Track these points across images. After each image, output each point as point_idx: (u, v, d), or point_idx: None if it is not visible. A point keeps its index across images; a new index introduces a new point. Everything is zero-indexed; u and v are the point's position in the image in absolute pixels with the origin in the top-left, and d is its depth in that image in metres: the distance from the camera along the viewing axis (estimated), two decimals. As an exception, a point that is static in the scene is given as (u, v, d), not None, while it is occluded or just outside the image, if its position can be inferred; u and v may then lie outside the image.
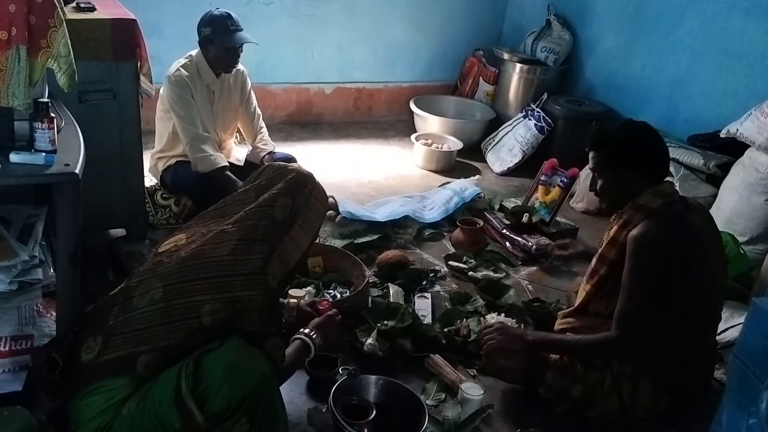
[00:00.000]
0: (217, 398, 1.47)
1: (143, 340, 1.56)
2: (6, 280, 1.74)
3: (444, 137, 4.37)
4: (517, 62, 4.54)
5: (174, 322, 1.57)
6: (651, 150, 2.11)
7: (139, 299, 1.60)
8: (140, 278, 1.65)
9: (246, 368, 1.52)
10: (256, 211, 1.73)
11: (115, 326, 1.60)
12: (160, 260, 1.67)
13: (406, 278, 2.81)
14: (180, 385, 1.48)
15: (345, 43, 4.65)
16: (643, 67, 4.11)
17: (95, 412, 1.55)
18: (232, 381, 1.49)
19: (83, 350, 1.60)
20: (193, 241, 1.69)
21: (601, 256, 2.17)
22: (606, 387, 2.11)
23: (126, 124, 2.58)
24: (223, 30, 2.99)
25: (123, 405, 1.55)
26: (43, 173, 1.66)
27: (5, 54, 1.66)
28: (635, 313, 2.02)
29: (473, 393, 2.10)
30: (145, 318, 1.58)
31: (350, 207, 3.33)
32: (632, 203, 2.10)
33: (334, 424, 1.87)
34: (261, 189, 1.80)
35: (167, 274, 1.61)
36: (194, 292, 1.59)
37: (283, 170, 1.84)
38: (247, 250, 1.64)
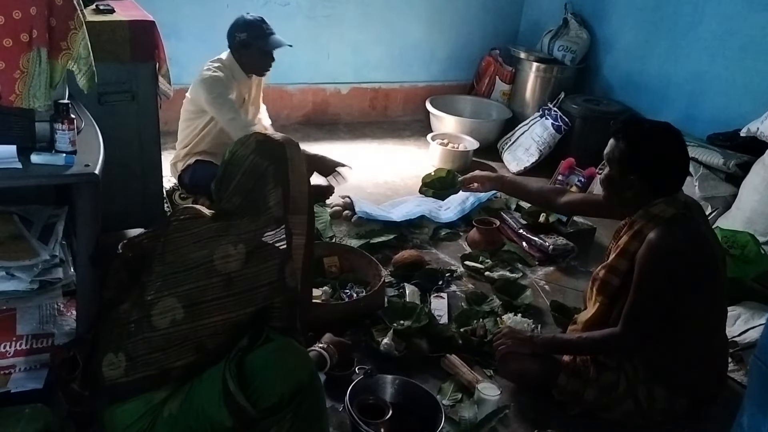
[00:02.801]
0: (272, 393, 1.51)
1: (173, 357, 1.58)
2: (27, 279, 1.76)
3: (460, 137, 4.36)
4: (534, 61, 4.52)
5: (200, 338, 1.59)
6: (664, 166, 2.02)
7: (159, 319, 1.58)
8: (156, 295, 1.61)
9: (297, 363, 1.57)
10: (257, 216, 1.66)
11: (137, 345, 1.58)
12: (171, 279, 1.62)
13: (422, 278, 2.81)
14: (227, 384, 1.50)
15: (361, 43, 4.66)
16: (661, 65, 4.06)
17: (134, 418, 1.57)
18: (284, 376, 1.53)
19: (105, 365, 1.60)
20: (195, 251, 1.64)
21: (612, 267, 2.11)
22: (621, 390, 2.09)
23: (145, 125, 2.61)
24: (260, 34, 3.02)
25: (162, 407, 1.57)
26: (63, 174, 1.68)
27: (26, 56, 1.68)
28: (644, 315, 2.00)
29: (490, 393, 2.09)
30: (172, 338, 1.58)
31: (366, 207, 3.33)
32: (644, 212, 2.04)
33: (351, 423, 1.88)
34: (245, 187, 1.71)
35: (185, 295, 1.59)
36: (217, 311, 1.59)
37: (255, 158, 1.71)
38: (259, 259, 1.61)
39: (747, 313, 2.64)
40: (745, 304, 2.69)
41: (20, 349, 1.86)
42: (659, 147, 2.01)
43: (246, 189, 1.68)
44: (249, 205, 1.67)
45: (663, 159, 2.02)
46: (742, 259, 2.81)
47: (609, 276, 2.12)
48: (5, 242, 1.82)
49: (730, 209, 3.23)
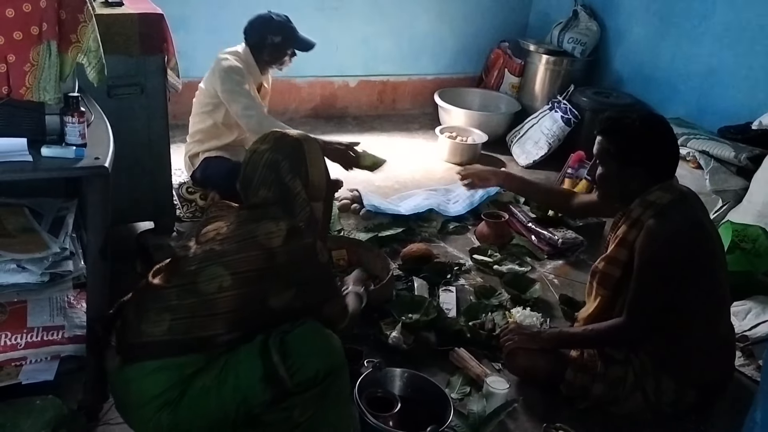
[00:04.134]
0: (309, 368, 1.62)
1: (220, 323, 1.64)
2: (38, 271, 1.76)
3: (469, 130, 4.35)
4: (544, 54, 4.49)
5: (247, 307, 1.66)
6: (661, 152, 2.04)
7: (206, 285, 1.64)
8: (199, 265, 1.67)
9: (332, 346, 1.70)
10: (288, 201, 1.77)
11: (181, 307, 1.64)
12: (212, 248, 1.69)
13: (430, 272, 2.80)
14: (270, 357, 1.61)
15: (369, 36, 4.64)
16: (672, 57, 4.03)
17: (163, 388, 1.60)
18: (322, 354, 1.66)
19: (146, 323, 1.63)
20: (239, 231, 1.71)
21: (612, 258, 2.11)
22: (629, 383, 2.09)
23: (154, 119, 2.61)
24: (295, 36, 3.08)
25: (194, 379, 1.62)
26: (73, 167, 1.68)
27: (36, 49, 1.68)
28: (646, 303, 2.00)
29: (499, 387, 2.09)
30: (219, 304, 1.63)
31: (375, 200, 3.33)
32: (641, 200, 2.04)
33: (359, 416, 1.88)
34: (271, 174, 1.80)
35: (230, 264, 1.65)
36: (261, 281, 1.67)
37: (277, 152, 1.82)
38: (297, 237, 1.70)
39: (758, 308, 2.62)
40: (756, 299, 2.67)
41: (31, 341, 1.86)
42: (654, 135, 2.04)
43: (270, 181, 1.78)
44: (277, 195, 1.77)
45: (659, 146, 2.04)
46: (753, 252, 2.79)
47: (609, 267, 2.12)
48: (16, 235, 1.83)
49: (741, 203, 3.20)
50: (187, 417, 1.61)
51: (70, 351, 1.89)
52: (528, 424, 2.10)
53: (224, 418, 1.64)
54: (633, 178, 2.04)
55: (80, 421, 1.81)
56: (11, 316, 1.87)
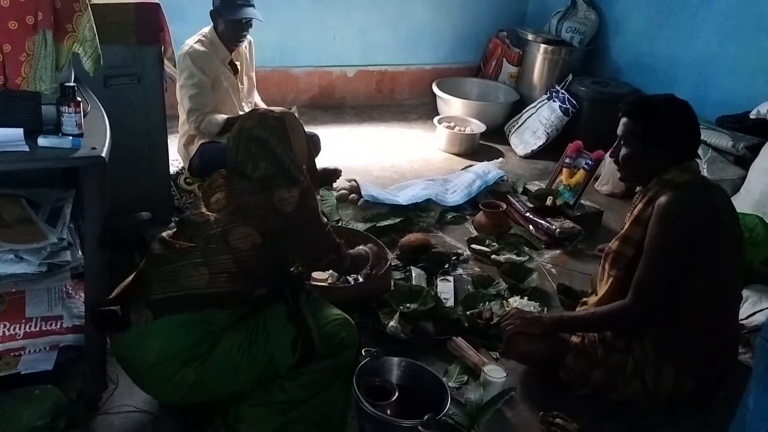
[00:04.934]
0: (336, 335, 1.82)
1: (256, 278, 1.79)
2: (36, 262, 1.77)
3: (467, 120, 4.34)
4: (542, 43, 4.48)
5: (277, 260, 1.84)
6: (685, 132, 2.06)
7: (240, 242, 1.75)
8: (224, 227, 1.76)
9: (349, 320, 1.90)
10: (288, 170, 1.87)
11: (220, 263, 1.73)
12: (235, 210, 1.79)
13: (428, 261, 2.81)
14: (305, 319, 1.79)
15: (367, 25, 4.62)
16: (670, 46, 4.02)
17: (193, 341, 1.68)
18: (344, 324, 1.87)
19: (183, 276, 1.72)
20: (254, 198, 1.81)
21: (626, 237, 2.12)
22: (629, 371, 2.10)
23: (151, 108, 2.61)
24: (231, 4, 3.02)
25: (223, 336, 1.71)
26: (70, 156, 1.68)
27: (32, 39, 1.67)
28: (653, 282, 2.00)
29: (496, 375, 2.10)
30: (253, 260, 1.76)
31: (373, 190, 3.33)
32: (658, 179, 2.06)
33: (357, 405, 1.89)
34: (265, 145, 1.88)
35: (258, 224, 1.77)
36: (284, 240, 1.82)
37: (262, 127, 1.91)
38: (307, 200, 1.85)
39: (755, 296, 2.63)
40: (753, 287, 2.68)
41: (30, 331, 1.87)
42: (677, 116, 2.06)
43: (264, 156, 1.85)
44: (275, 167, 1.85)
45: (682, 126, 2.06)
46: (751, 242, 2.80)
47: (622, 246, 2.12)
48: (13, 225, 1.83)
49: (739, 192, 3.21)
50: (214, 373, 1.69)
51: (68, 341, 1.90)
52: (525, 413, 2.11)
53: (250, 377, 1.73)
54: (656, 158, 2.05)
55: (80, 411, 1.82)
56: (10, 307, 1.87)
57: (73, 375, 1.93)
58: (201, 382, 1.69)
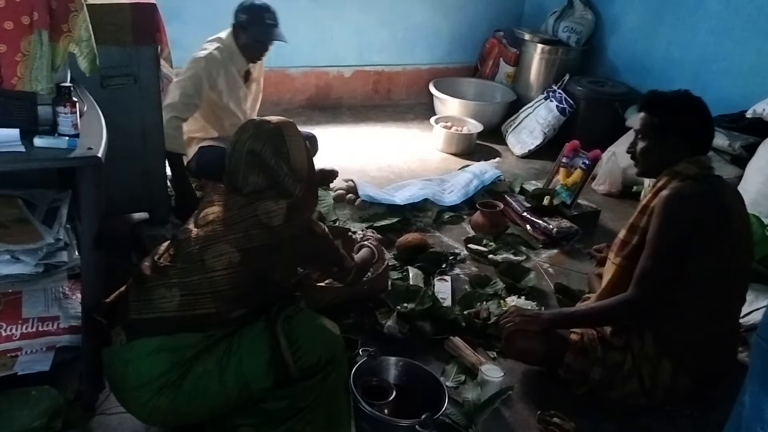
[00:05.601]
0: (312, 355, 1.70)
1: (230, 299, 1.69)
2: (32, 262, 1.76)
3: (464, 120, 4.35)
4: (539, 43, 4.48)
5: (258, 281, 1.73)
6: (700, 124, 2.09)
7: (215, 261, 1.68)
8: (203, 244, 1.71)
9: (334, 335, 1.79)
10: (281, 182, 1.80)
11: (191, 284, 1.67)
12: (214, 229, 1.73)
13: (425, 261, 2.81)
14: (278, 340, 1.67)
15: (364, 25, 4.63)
16: (667, 46, 4.03)
17: (163, 369, 1.62)
18: (324, 342, 1.74)
19: (156, 300, 1.67)
20: (238, 211, 1.74)
21: (631, 225, 2.13)
22: (626, 369, 2.10)
23: (147, 109, 2.60)
24: (259, 21, 2.99)
25: (195, 362, 1.64)
26: (66, 157, 1.68)
27: (28, 39, 1.67)
28: (655, 273, 2.01)
29: (493, 375, 2.10)
30: (229, 280, 1.68)
31: (370, 190, 3.33)
32: (668, 171, 2.08)
33: (355, 404, 1.89)
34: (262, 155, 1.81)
35: (235, 241, 1.69)
36: (267, 256, 1.72)
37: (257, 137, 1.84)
38: (297, 213, 1.76)
39: (751, 295, 2.62)
40: (750, 286, 2.67)
41: (27, 332, 1.86)
42: (692, 109, 2.09)
43: (257, 168, 1.79)
44: (267, 180, 1.79)
45: (696, 119, 2.09)
46: (747, 241, 2.80)
47: (628, 235, 2.13)
48: (10, 226, 1.82)
49: (735, 191, 3.21)
50: (186, 400, 1.63)
51: (65, 341, 1.90)
52: (523, 412, 2.12)
53: (225, 402, 1.67)
54: (671, 151, 2.08)
55: (76, 411, 1.82)
56: (6, 307, 1.86)
57: (70, 376, 1.92)
58: (176, 409, 1.64)
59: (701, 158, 2.09)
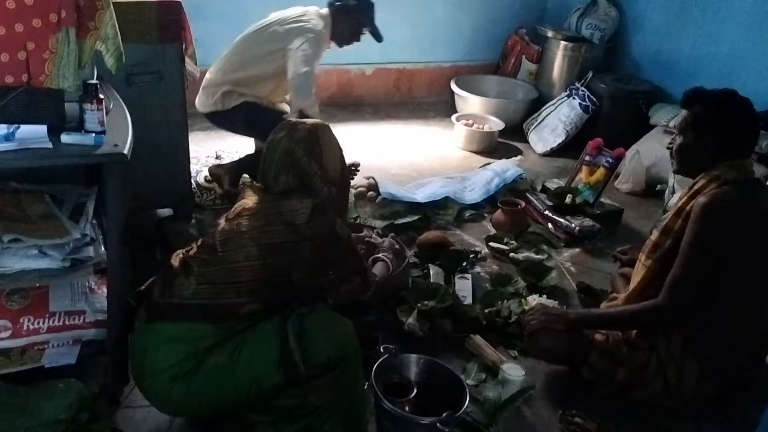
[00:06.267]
0: (321, 354, 1.67)
1: (244, 292, 1.69)
2: (59, 257, 1.79)
3: (485, 117, 4.33)
4: (562, 40, 4.45)
5: (272, 277, 1.72)
6: (738, 126, 2.03)
7: (233, 254, 1.70)
8: (224, 237, 1.74)
9: (345, 333, 1.75)
10: (309, 182, 1.82)
11: (207, 274, 1.70)
12: (239, 222, 1.75)
13: (446, 259, 2.80)
14: (287, 339, 1.66)
15: (385, 23, 4.56)
16: (693, 43, 3.97)
17: (177, 358, 1.64)
18: (335, 342, 1.70)
19: (174, 286, 1.71)
20: (264, 206, 1.78)
21: (665, 228, 2.09)
22: (651, 370, 2.07)
23: (172, 106, 2.63)
24: (368, 10, 3.07)
25: (208, 355, 1.65)
26: (93, 153, 1.70)
27: (55, 37, 1.69)
28: (688, 281, 1.97)
29: (514, 374, 2.09)
30: (246, 272, 1.69)
31: (390, 188, 3.33)
32: (706, 173, 2.03)
33: (375, 401, 1.89)
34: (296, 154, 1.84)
35: (256, 236, 1.71)
36: (286, 253, 1.72)
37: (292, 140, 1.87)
38: (321, 214, 1.76)
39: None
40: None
41: (53, 326, 1.89)
42: (731, 108, 2.03)
43: (288, 167, 1.81)
44: (297, 180, 1.81)
45: (735, 119, 2.03)
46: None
47: (661, 237, 2.09)
48: (37, 221, 1.86)
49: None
50: (198, 392, 1.65)
51: (91, 335, 1.93)
52: (544, 411, 2.10)
53: (235, 396, 1.68)
54: (707, 150, 2.03)
55: (102, 404, 1.84)
56: (34, 301, 1.90)
57: (96, 369, 1.95)
58: (188, 400, 1.67)
59: (743, 162, 2.02)
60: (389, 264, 2.21)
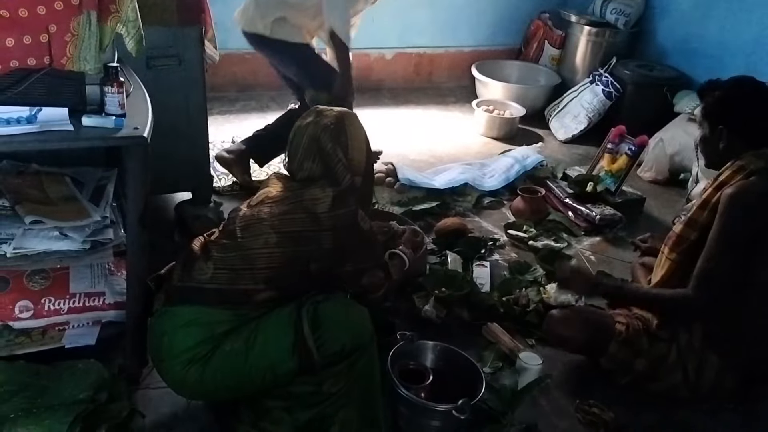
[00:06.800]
0: (335, 342, 1.66)
1: (261, 279, 1.70)
2: (80, 239, 1.81)
3: (506, 103, 4.28)
4: (585, 25, 4.37)
5: (290, 265, 1.72)
6: (749, 115, 1.99)
7: (252, 241, 1.71)
8: (245, 223, 1.75)
9: (361, 321, 1.74)
10: (332, 170, 1.81)
11: (225, 259, 1.71)
12: (260, 209, 1.76)
13: (464, 246, 2.79)
14: (302, 325, 1.65)
15: (405, 6, 4.57)
16: (720, 29, 3.89)
17: (194, 342, 1.65)
18: (349, 330, 1.69)
19: (196, 270, 1.72)
20: (286, 194, 1.78)
21: (690, 220, 2.05)
22: (671, 361, 2.05)
23: (191, 90, 2.63)
24: None
25: (224, 340, 1.66)
26: (113, 136, 1.71)
27: (77, 19, 1.70)
28: (717, 273, 1.94)
29: (531, 362, 2.08)
30: (263, 259, 1.70)
31: (409, 174, 3.32)
32: (731, 164, 2.00)
33: (392, 387, 1.89)
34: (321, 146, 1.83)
35: (276, 224, 1.72)
36: (305, 242, 1.72)
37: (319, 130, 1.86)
38: (342, 203, 1.75)
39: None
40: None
41: (74, 307, 1.92)
42: (743, 96, 2.00)
43: (313, 153, 1.81)
44: (321, 168, 1.81)
45: (748, 108, 1.99)
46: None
47: (686, 230, 2.06)
48: (58, 203, 1.88)
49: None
50: (213, 376, 1.66)
51: (111, 317, 1.95)
52: (561, 400, 2.09)
53: (250, 382, 1.68)
54: (724, 140, 2.00)
55: (121, 385, 1.86)
56: (54, 282, 1.92)
57: (115, 350, 1.97)
58: (203, 384, 1.67)
59: (765, 151, 1.97)
60: (406, 260, 2.16)
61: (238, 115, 4.02)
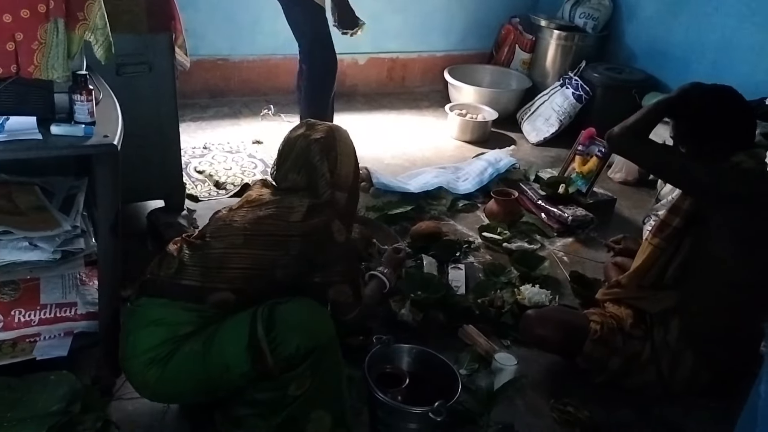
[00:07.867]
0: (290, 344, 1.62)
1: (219, 278, 1.71)
2: (50, 249, 1.78)
3: (479, 107, 4.32)
4: (555, 29, 4.43)
5: (252, 268, 1.73)
6: (731, 125, 2.00)
7: (218, 241, 1.74)
8: (218, 224, 1.80)
9: (319, 322, 1.71)
10: (314, 182, 1.85)
11: (193, 257, 1.73)
12: (237, 213, 1.80)
13: (439, 249, 2.80)
14: (256, 327, 1.63)
15: (378, 12, 4.58)
16: (686, 32, 3.97)
17: (156, 342, 1.65)
18: (304, 332, 1.65)
19: (164, 266, 1.75)
20: (265, 200, 1.81)
21: (673, 207, 2.07)
22: (644, 358, 2.09)
23: (162, 97, 2.61)
24: None
25: (185, 342, 1.66)
26: (82, 144, 1.69)
27: (44, 27, 1.68)
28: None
29: (507, 363, 2.10)
30: (224, 258, 1.72)
31: (384, 178, 3.33)
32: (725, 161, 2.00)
33: (368, 391, 1.90)
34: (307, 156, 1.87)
35: (249, 226, 1.74)
36: (273, 247, 1.73)
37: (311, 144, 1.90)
38: (316, 214, 1.77)
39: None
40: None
41: (45, 318, 1.89)
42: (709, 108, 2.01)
43: (298, 165, 1.86)
44: (305, 180, 1.85)
45: (717, 118, 2.00)
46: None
47: (669, 216, 2.08)
48: (28, 213, 1.84)
49: (754, 179, 3.17)
50: (172, 378, 1.66)
51: (83, 327, 1.93)
52: (536, 400, 2.12)
53: (207, 384, 1.67)
54: (683, 140, 2.04)
55: (94, 396, 1.84)
56: (24, 293, 1.89)
57: (87, 361, 1.94)
58: (163, 385, 1.67)
59: (757, 151, 2.01)
60: (385, 281, 2.13)
61: (210, 121, 3.99)
